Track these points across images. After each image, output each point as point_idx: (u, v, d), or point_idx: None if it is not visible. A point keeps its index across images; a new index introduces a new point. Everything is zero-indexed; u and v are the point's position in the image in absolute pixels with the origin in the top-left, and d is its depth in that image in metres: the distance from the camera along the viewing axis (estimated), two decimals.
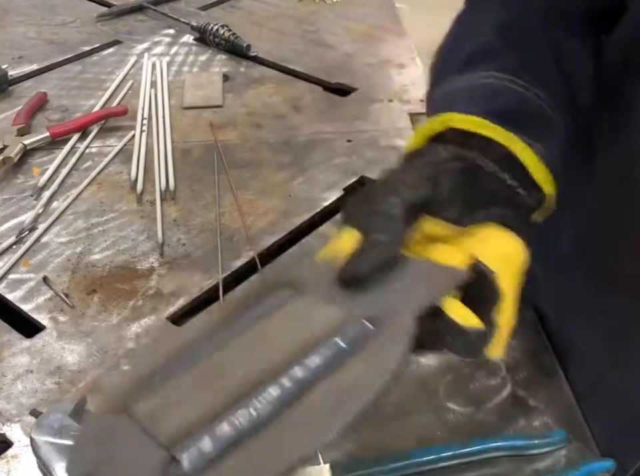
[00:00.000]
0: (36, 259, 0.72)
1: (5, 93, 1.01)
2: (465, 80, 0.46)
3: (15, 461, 0.53)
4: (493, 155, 0.40)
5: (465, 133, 0.41)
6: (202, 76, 1.06)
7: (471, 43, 0.48)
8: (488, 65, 0.45)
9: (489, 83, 0.45)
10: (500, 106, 0.43)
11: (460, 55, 0.48)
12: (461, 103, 0.44)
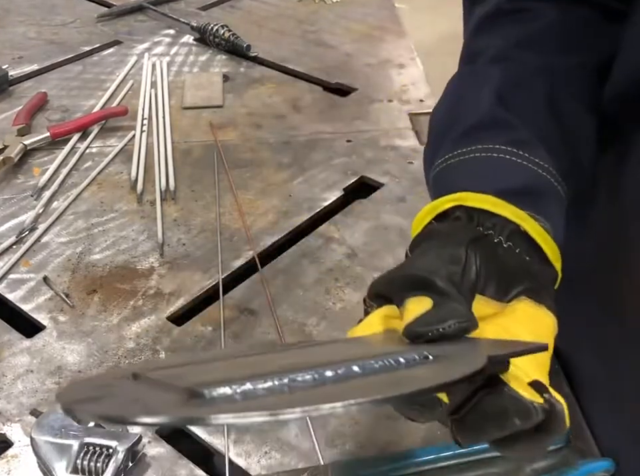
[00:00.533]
0: (36, 258, 0.72)
1: (5, 93, 1.01)
2: (469, 153, 0.45)
3: (15, 461, 0.53)
4: (505, 232, 0.40)
5: (475, 211, 0.41)
6: (202, 76, 1.06)
7: (471, 112, 0.47)
8: (491, 138, 0.44)
9: (495, 158, 0.44)
10: (509, 184, 0.42)
11: (460, 125, 0.47)
12: (469, 180, 0.43)
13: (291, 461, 0.53)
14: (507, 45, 0.50)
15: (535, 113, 0.46)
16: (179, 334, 0.64)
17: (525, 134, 0.45)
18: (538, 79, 0.48)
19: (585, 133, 0.49)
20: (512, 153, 0.43)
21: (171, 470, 0.52)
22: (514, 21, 0.51)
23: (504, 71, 0.48)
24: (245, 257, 0.72)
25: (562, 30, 0.50)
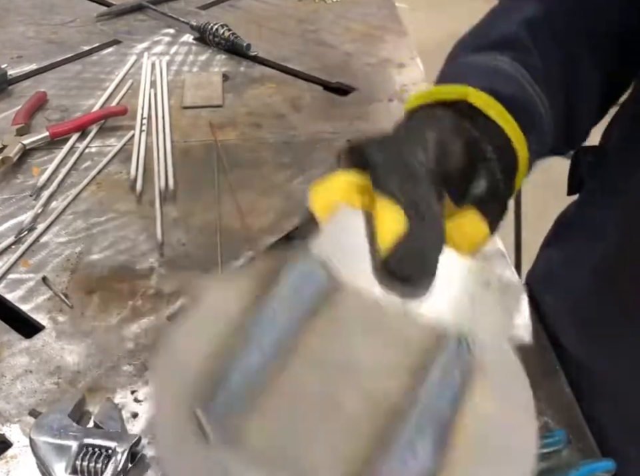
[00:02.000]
0: (35, 258, 0.72)
1: (4, 92, 1.01)
2: (482, 57, 0.47)
3: (14, 461, 0.53)
4: (494, 140, 0.41)
5: (474, 109, 0.41)
6: (202, 76, 1.06)
7: (496, 29, 0.49)
8: (507, 52, 0.46)
9: (503, 68, 0.45)
10: (507, 91, 0.43)
11: (484, 38, 0.49)
12: (472, 77, 0.44)
13: None
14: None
15: (554, 54, 0.48)
16: None
17: (536, 61, 0.47)
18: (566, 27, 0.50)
19: (590, 96, 0.51)
20: (518, 70, 0.45)
21: None
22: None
23: (538, 9, 0.50)
24: (245, 257, 0.72)
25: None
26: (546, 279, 0.66)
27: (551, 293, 0.65)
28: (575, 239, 0.63)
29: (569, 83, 0.49)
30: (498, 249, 0.73)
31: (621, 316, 0.55)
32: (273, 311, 0.32)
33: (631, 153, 0.54)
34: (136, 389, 0.58)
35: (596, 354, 0.58)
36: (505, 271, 0.70)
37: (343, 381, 0.30)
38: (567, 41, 0.49)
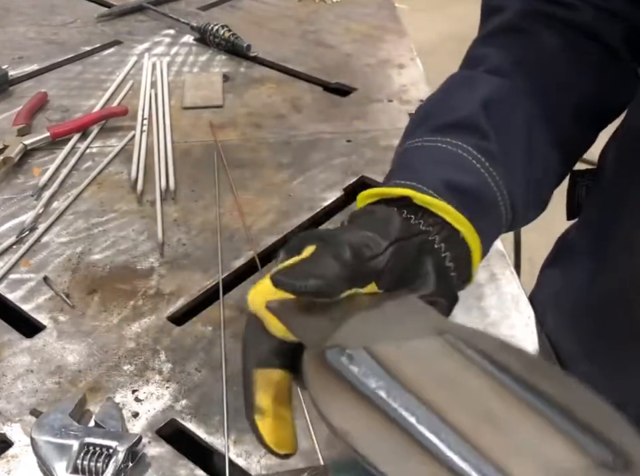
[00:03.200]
0: (36, 258, 0.72)
1: (5, 93, 1.01)
2: (437, 142, 0.46)
3: (15, 461, 0.53)
4: (443, 234, 0.41)
5: (420, 208, 0.42)
6: (202, 76, 1.06)
7: (454, 109, 0.48)
8: (463, 137, 0.46)
9: (458, 154, 0.45)
10: (459, 179, 0.44)
11: (441, 118, 0.48)
12: (426, 168, 0.44)
13: (290, 461, 0.53)
14: (506, 62, 0.51)
15: (511, 133, 0.48)
16: (178, 334, 0.64)
17: (494, 147, 0.46)
18: (523, 102, 0.49)
19: (549, 169, 0.51)
20: (475, 157, 0.45)
21: (171, 470, 0.52)
22: (519, 40, 0.53)
23: (495, 84, 0.50)
24: (245, 257, 0.72)
25: (558, 62, 0.52)
26: (548, 299, 0.67)
27: (553, 314, 0.65)
28: (576, 262, 0.64)
29: (528, 157, 0.48)
30: (498, 248, 0.73)
31: (624, 340, 0.55)
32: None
33: (624, 177, 0.55)
34: (137, 388, 0.59)
35: (598, 376, 0.58)
36: (505, 271, 0.71)
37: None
38: (527, 117, 0.49)
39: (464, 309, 0.66)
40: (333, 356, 0.32)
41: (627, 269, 0.54)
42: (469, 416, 0.29)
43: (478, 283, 0.69)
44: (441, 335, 0.34)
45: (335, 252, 0.37)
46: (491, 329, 0.64)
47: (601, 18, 0.52)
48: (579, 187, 0.62)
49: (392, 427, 0.29)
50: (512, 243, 1.68)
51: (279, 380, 0.38)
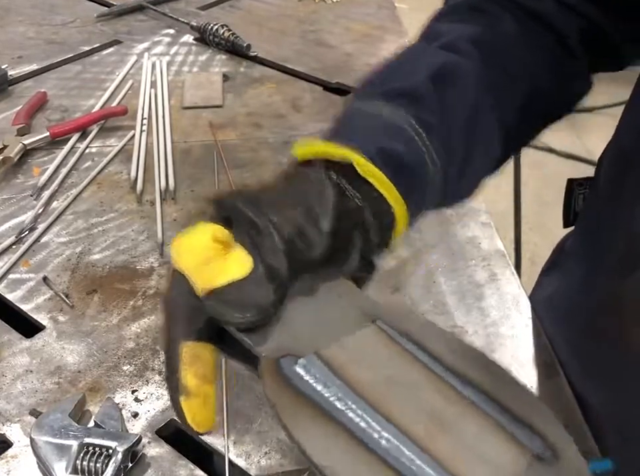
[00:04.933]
0: (36, 258, 0.72)
1: (4, 92, 1.01)
2: (379, 108, 0.45)
3: (14, 461, 0.53)
4: (374, 207, 0.40)
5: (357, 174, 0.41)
6: (202, 76, 1.06)
7: (402, 78, 0.48)
8: (406, 106, 0.45)
9: (397, 124, 0.44)
10: (396, 150, 0.43)
11: (388, 84, 0.48)
12: (364, 134, 0.43)
13: (290, 461, 0.53)
14: (461, 39, 0.50)
15: (456, 111, 0.47)
16: None
17: (436, 121, 0.45)
18: (472, 81, 0.48)
19: (489, 152, 0.50)
20: (414, 128, 0.44)
21: (171, 470, 0.52)
22: (479, 20, 0.52)
23: (447, 59, 0.49)
24: None
25: (516, 50, 0.51)
26: (546, 306, 0.67)
27: (551, 320, 0.65)
28: (571, 268, 0.64)
29: (467, 144, 0.47)
30: (498, 248, 0.73)
31: (620, 350, 0.55)
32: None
33: (618, 188, 0.55)
34: (136, 388, 0.59)
35: (591, 387, 0.58)
36: (505, 271, 0.71)
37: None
38: (475, 98, 0.48)
39: (464, 309, 0.66)
40: (287, 366, 0.33)
41: (621, 280, 0.54)
42: (418, 419, 0.31)
43: (478, 283, 0.69)
44: (373, 321, 0.36)
45: (269, 268, 0.35)
46: (491, 329, 0.64)
47: (560, 10, 0.51)
48: (575, 195, 0.62)
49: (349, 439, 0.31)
50: (512, 243, 1.68)
51: (208, 356, 0.36)
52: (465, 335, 0.63)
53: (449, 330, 0.62)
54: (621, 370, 0.54)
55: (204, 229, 0.39)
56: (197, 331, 0.36)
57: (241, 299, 0.35)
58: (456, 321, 0.65)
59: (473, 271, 0.70)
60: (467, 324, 0.64)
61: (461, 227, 0.76)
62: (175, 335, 0.36)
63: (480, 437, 0.31)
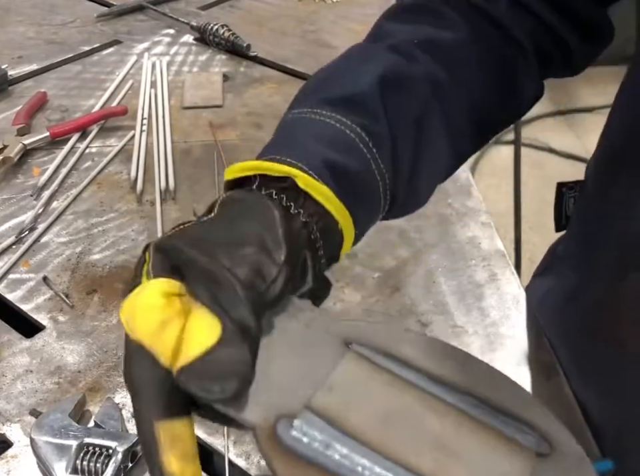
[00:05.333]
0: (36, 258, 0.72)
1: (4, 92, 1.01)
2: (324, 117, 0.43)
3: (14, 461, 0.53)
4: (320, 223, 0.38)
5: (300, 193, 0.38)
6: (202, 76, 1.06)
7: (349, 83, 0.46)
8: (350, 114, 0.43)
9: (342, 132, 0.42)
10: (344, 165, 0.40)
11: (333, 90, 0.46)
12: (308, 144, 0.41)
13: None
14: (409, 41, 0.48)
15: (403, 119, 0.45)
16: None
17: (383, 129, 0.43)
18: (421, 86, 0.46)
19: (439, 159, 0.49)
20: (361, 138, 0.42)
21: None
22: (427, 21, 0.50)
23: (395, 63, 0.47)
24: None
25: (466, 54, 0.49)
26: (540, 306, 0.67)
27: (545, 320, 0.65)
28: (567, 273, 0.64)
29: (416, 151, 0.45)
30: (498, 248, 0.73)
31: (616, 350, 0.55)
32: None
33: (608, 189, 0.55)
34: None
35: (589, 388, 0.58)
36: (505, 271, 0.71)
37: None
38: (421, 99, 0.46)
39: (464, 309, 0.66)
40: (284, 433, 0.30)
41: (615, 282, 0.54)
42: (425, 451, 0.30)
43: (478, 283, 0.69)
44: (348, 345, 0.34)
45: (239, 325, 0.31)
46: (491, 329, 0.64)
47: (514, 13, 0.50)
48: (566, 199, 0.62)
49: None
50: (512, 243, 1.68)
51: (188, 432, 0.32)
52: (465, 335, 0.63)
53: (449, 330, 0.63)
54: (617, 370, 0.54)
55: (151, 286, 0.34)
56: (170, 406, 0.32)
57: (217, 369, 0.31)
58: (456, 321, 0.65)
59: (473, 271, 0.70)
60: (466, 324, 0.64)
61: (461, 227, 0.76)
62: (147, 415, 0.31)
63: (486, 453, 0.30)
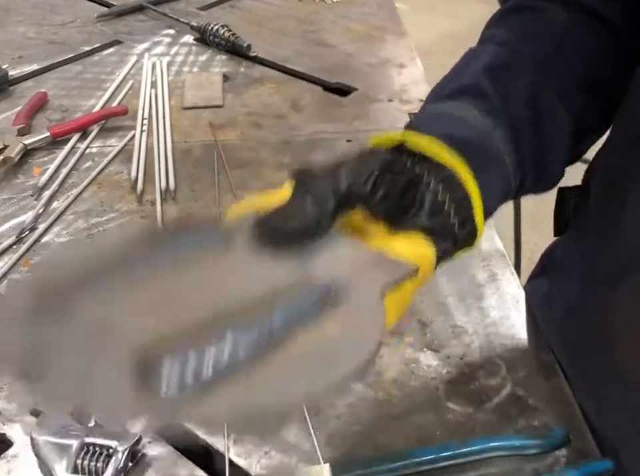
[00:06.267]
0: (36, 258, 0.72)
1: (5, 93, 1.01)
2: (443, 106, 0.47)
3: (15, 461, 0.53)
4: (439, 177, 0.40)
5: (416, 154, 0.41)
6: (202, 76, 1.06)
7: (459, 78, 0.50)
8: (467, 100, 0.47)
9: (460, 115, 0.46)
10: (462, 135, 0.44)
11: (447, 87, 0.50)
12: (430, 126, 0.44)
13: (291, 461, 0.53)
14: (512, 36, 0.52)
15: (515, 97, 0.48)
16: None
17: (498, 109, 0.47)
18: (527, 68, 0.50)
19: (558, 136, 0.51)
20: (476, 116, 0.46)
21: (171, 470, 0.52)
22: (527, 16, 0.54)
23: (500, 53, 0.51)
24: None
25: (566, 34, 0.52)
26: (538, 308, 0.67)
27: (543, 322, 0.65)
28: (565, 278, 0.64)
29: (535, 123, 0.48)
30: (498, 248, 0.73)
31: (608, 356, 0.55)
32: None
33: (607, 196, 0.55)
34: None
35: (583, 392, 0.59)
36: (505, 271, 0.71)
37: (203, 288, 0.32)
38: (529, 81, 0.49)
39: (464, 309, 0.66)
40: None
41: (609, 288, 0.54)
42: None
43: (478, 283, 0.69)
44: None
45: (313, 194, 0.36)
46: (491, 329, 0.64)
47: (605, 2, 0.53)
48: (567, 203, 0.62)
49: None
50: (512, 243, 1.68)
51: None
52: (465, 335, 0.63)
53: (449, 330, 0.63)
54: (612, 375, 0.55)
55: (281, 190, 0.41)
56: None
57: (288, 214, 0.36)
58: (456, 321, 0.65)
59: (473, 271, 0.70)
60: (466, 324, 0.64)
61: None
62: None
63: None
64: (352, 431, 0.54)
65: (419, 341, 0.62)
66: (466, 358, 0.61)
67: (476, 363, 0.60)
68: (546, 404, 0.56)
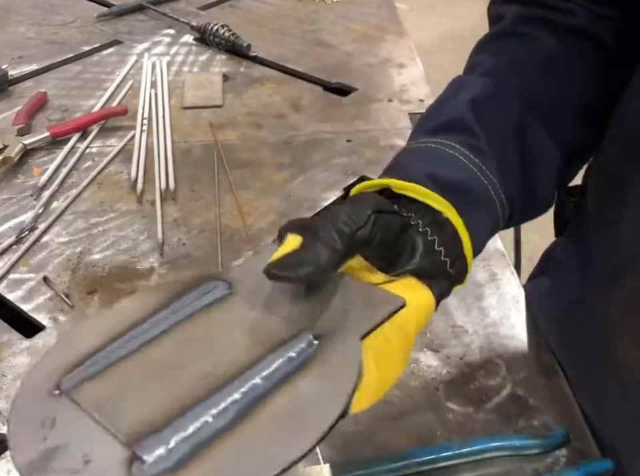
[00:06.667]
0: (36, 258, 0.72)
1: (5, 92, 1.01)
2: (428, 142, 0.47)
3: None
4: (425, 219, 0.41)
5: (403, 198, 0.42)
6: (202, 76, 1.06)
7: (445, 111, 0.49)
8: (452, 136, 0.46)
9: (446, 152, 0.45)
10: (447, 174, 0.43)
11: (434, 120, 0.49)
12: (414, 165, 0.45)
13: None
14: (499, 64, 0.52)
15: (501, 130, 0.48)
16: None
17: (483, 144, 0.46)
18: (513, 98, 0.49)
19: (546, 165, 0.51)
20: (463, 153, 0.45)
21: None
22: (513, 43, 0.53)
23: (485, 84, 0.50)
24: (245, 257, 0.72)
25: (553, 58, 0.52)
26: (537, 308, 0.67)
27: (543, 323, 0.65)
28: (564, 278, 0.64)
29: (521, 156, 0.48)
30: (498, 248, 0.73)
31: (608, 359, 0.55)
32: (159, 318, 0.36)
33: (604, 198, 0.55)
34: None
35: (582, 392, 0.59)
36: (505, 271, 0.71)
37: (193, 355, 0.34)
38: (515, 112, 0.49)
39: (464, 309, 0.66)
40: None
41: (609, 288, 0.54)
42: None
43: (478, 283, 0.69)
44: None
45: (322, 238, 0.36)
46: (491, 329, 0.64)
47: (595, 21, 0.52)
48: (566, 203, 0.63)
49: None
50: (512, 243, 1.68)
51: None
52: (465, 335, 0.63)
53: (449, 330, 0.63)
54: (611, 374, 0.55)
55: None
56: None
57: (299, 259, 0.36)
58: (456, 321, 0.65)
59: (473, 271, 0.70)
60: (467, 324, 0.64)
61: None
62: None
63: None
64: (352, 431, 0.54)
65: (419, 341, 0.62)
66: (466, 358, 0.61)
67: (476, 363, 0.60)
68: (546, 404, 0.56)
